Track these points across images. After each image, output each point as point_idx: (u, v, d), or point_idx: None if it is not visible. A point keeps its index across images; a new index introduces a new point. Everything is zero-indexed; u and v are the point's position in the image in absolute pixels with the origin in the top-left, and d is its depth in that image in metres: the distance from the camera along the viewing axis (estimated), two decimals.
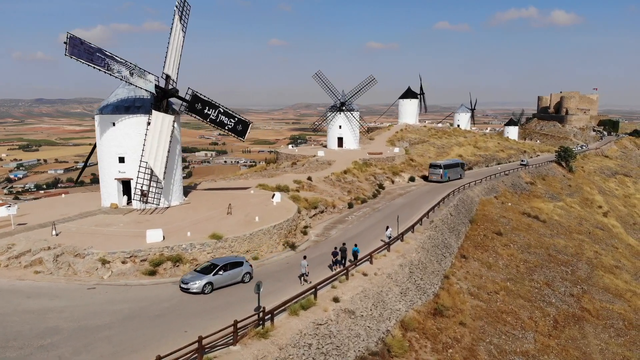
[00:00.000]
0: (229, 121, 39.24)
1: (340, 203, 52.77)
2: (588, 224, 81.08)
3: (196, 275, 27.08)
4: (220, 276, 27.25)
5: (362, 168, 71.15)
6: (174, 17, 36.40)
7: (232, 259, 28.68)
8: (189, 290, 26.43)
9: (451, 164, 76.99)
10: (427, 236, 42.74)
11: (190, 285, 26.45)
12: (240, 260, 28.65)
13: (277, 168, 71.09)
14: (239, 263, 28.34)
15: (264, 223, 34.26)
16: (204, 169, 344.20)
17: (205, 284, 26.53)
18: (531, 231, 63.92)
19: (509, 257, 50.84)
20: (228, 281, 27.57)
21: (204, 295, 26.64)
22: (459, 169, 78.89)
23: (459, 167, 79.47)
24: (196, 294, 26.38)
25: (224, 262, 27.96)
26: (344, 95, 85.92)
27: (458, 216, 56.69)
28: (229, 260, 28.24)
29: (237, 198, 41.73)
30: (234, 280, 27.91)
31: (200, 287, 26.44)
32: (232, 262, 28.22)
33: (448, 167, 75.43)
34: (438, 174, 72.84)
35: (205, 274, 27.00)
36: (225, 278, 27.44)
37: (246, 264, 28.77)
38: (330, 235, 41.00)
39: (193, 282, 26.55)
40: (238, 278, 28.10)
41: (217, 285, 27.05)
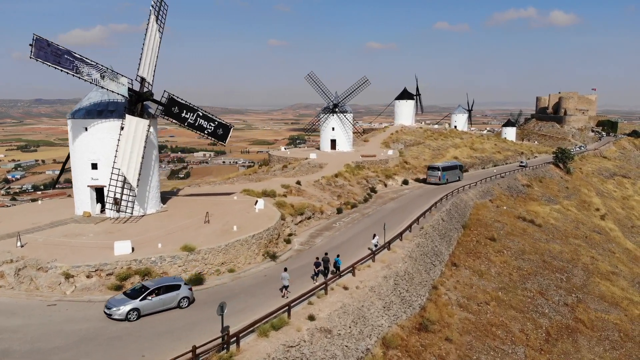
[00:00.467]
0: (209, 125, 37.59)
1: (328, 208, 51.11)
2: (585, 228, 79.39)
3: (122, 300, 24.27)
4: (149, 302, 24.25)
5: (354, 171, 69.50)
6: (149, 17, 34.75)
7: (167, 281, 25.77)
8: (111, 316, 23.59)
9: (449, 166, 76.39)
10: (416, 244, 41.08)
11: (113, 312, 23.61)
12: (177, 283, 25.66)
13: (268, 171, 69.45)
14: (174, 286, 25.31)
15: (242, 232, 32.60)
16: (202, 170, 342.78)
17: (130, 310, 23.61)
18: (526, 236, 62.27)
19: (501, 265, 49.18)
20: (159, 307, 24.57)
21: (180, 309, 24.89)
22: (457, 171, 78.25)
23: (457, 170, 78.80)
24: (120, 320, 23.50)
25: (156, 284, 25.08)
26: (337, 96, 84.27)
27: (450, 221, 55.07)
28: (163, 283, 25.29)
29: (219, 205, 40.09)
30: (167, 306, 24.86)
31: (124, 313, 23.52)
32: (167, 285, 25.20)
33: (446, 169, 74.88)
34: (436, 176, 72.45)
35: (132, 298, 24.11)
36: (156, 304, 24.45)
37: (184, 287, 25.75)
38: (315, 244, 39.34)
39: (117, 307, 23.71)
40: (172, 303, 25.03)
41: (145, 311, 24.07)
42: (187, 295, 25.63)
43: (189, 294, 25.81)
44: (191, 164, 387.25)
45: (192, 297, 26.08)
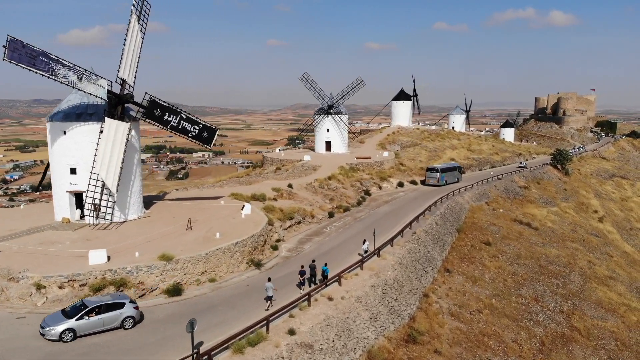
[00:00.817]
0: (193, 128, 36.39)
1: (320, 212, 49.91)
2: (582, 231, 78.21)
3: (57, 318, 22.51)
4: (87, 321, 22.38)
5: (348, 174, 68.32)
6: (130, 17, 33.54)
7: (110, 298, 23.78)
8: (45, 336, 21.88)
9: (448, 168, 76.20)
10: (407, 250, 39.89)
11: (47, 331, 21.87)
12: (121, 301, 23.59)
13: (261, 174, 68.25)
14: (117, 305, 23.28)
15: (225, 240, 31.40)
16: (200, 170, 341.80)
17: (64, 331, 21.81)
18: (522, 240, 61.07)
19: (496, 270, 47.98)
20: (99, 327, 22.72)
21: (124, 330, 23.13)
22: (456, 172, 77.97)
23: (456, 171, 78.47)
24: (53, 341, 21.74)
25: (96, 302, 23.19)
26: (332, 97, 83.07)
27: (444, 225, 53.89)
28: (104, 301, 23.32)
29: (204, 210, 38.88)
30: (108, 326, 22.93)
31: (57, 334, 21.74)
32: (108, 303, 23.20)
33: (445, 170, 74.61)
34: (435, 177, 72.30)
35: (69, 317, 22.34)
36: (95, 324, 22.58)
37: (129, 305, 23.59)
38: (303, 250, 38.12)
39: (50, 326, 21.91)
40: (115, 323, 23.05)
41: (82, 332, 22.23)
42: (131, 315, 23.55)
43: (135, 313, 23.75)
44: (190, 164, 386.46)
45: (140, 316, 24.15)
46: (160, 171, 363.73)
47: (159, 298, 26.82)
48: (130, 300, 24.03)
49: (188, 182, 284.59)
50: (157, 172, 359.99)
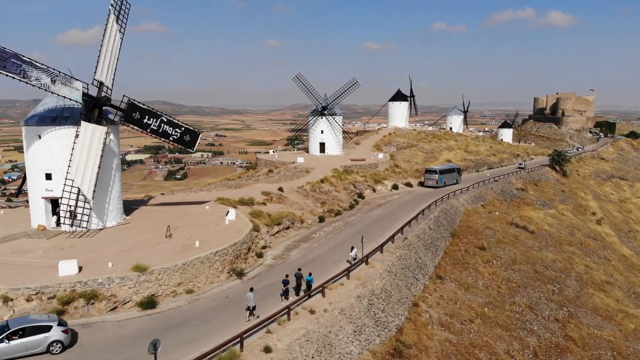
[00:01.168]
0: (174, 131, 35.11)
1: (310, 217, 48.62)
2: (580, 234, 76.93)
3: None
4: (7, 345, 20.46)
5: (341, 176, 67.04)
6: (108, 16, 32.26)
7: (35, 320, 21.65)
8: None
9: (447, 169, 75.73)
10: (398, 257, 38.60)
11: None
12: (47, 323, 21.47)
13: (253, 176, 66.98)
14: (43, 328, 21.21)
15: (205, 248, 30.11)
16: (199, 170, 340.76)
17: None
18: (518, 244, 59.80)
19: (490, 276, 46.70)
20: (21, 352, 20.76)
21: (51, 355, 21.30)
22: (455, 174, 77.40)
23: (455, 172, 77.85)
24: None
25: (19, 324, 21.21)
26: (326, 99, 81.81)
27: (438, 230, 52.60)
28: (28, 323, 21.30)
29: (187, 216, 37.60)
30: (32, 350, 20.93)
31: None
32: (33, 326, 21.18)
33: (444, 172, 74.05)
34: (434, 179, 72.05)
35: None
36: (15, 348, 20.61)
37: (57, 328, 21.42)
38: (290, 258, 36.83)
39: None
40: (40, 348, 21.05)
41: (1, 357, 20.48)
42: (59, 339, 21.35)
43: (63, 337, 21.52)
44: (189, 164, 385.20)
45: (69, 340, 21.95)
46: (158, 172, 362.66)
47: (131, 311, 25.55)
48: (59, 322, 22.05)
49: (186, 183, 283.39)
50: (155, 172, 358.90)
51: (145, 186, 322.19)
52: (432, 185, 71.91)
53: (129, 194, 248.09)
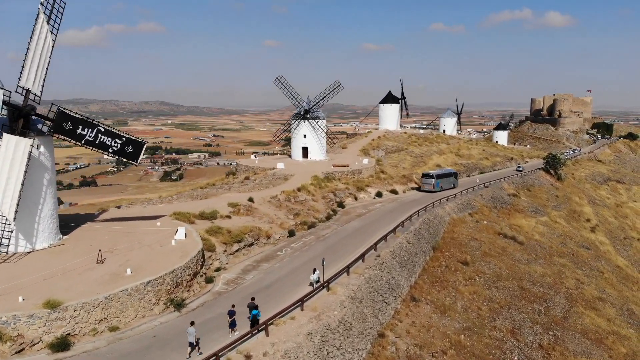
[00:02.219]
0: (114, 142, 31.49)
1: (278, 231, 45.01)
2: (572, 243, 73.32)
3: None
4: None
5: (321, 183, 63.44)
6: (37, 16, 28.69)
7: None
8: None
9: (444, 174, 75.08)
10: (366, 278, 35.00)
11: None
12: None
13: (227, 184, 63.36)
14: None
15: (137, 277, 26.49)
16: (195, 171, 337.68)
17: None
18: (505, 257, 56.22)
19: (471, 296, 43.11)
20: None
21: None
22: (451, 178, 76.51)
23: (452, 177, 76.94)
24: None
25: None
26: (309, 101, 78.22)
27: (418, 243, 48.99)
28: None
29: (131, 236, 33.97)
30: None
31: None
32: None
33: (440, 176, 73.45)
34: (430, 184, 71.73)
35: None
36: None
37: None
38: (244, 282, 33.19)
39: None
40: None
41: None
42: None
43: None
44: (185, 165, 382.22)
45: None
46: (154, 172, 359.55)
47: (40, 354, 21.99)
48: None
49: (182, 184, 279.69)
50: (151, 173, 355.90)
51: (141, 187, 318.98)
52: (429, 190, 71.21)
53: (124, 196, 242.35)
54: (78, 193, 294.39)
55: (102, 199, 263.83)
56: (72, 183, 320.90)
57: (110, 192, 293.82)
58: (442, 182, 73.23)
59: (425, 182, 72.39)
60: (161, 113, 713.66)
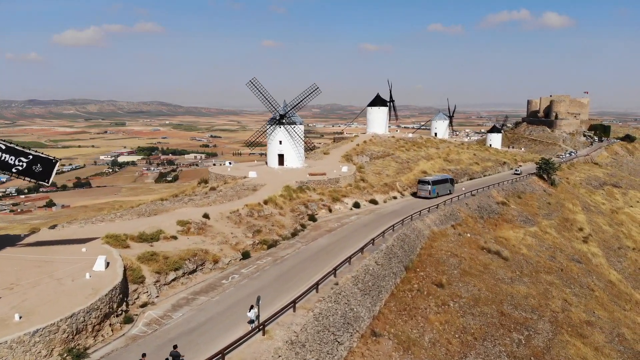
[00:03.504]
0: (18, 161, 27.08)
1: (230, 253, 40.40)
2: (562, 256, 68.63)
3: None
4: None
5: (292, 194, 58.86)
6: None
7: None
8: None
9: (440, 180, 74.86)
10: (315, 315, 30.40)
11: None
12: None
13: (188, 195, 58.75)
14: None
15: (26, 324, 21.98)
16: (192, 172, 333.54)
17: None
18: (486, 275, 51.63)
19: (441, 326, 38.48)
20: None
21: None
22: (447, 184, 76.22)
23: (448, 183, 76.63)
24: None
25: None
26: (285, 106, 73.63)
27: (388, 264, 44.37)
28: None
29: (45, 266, 29.40)
30: None
31: None
32: None
33: (436, 183, 73.34)
34: (426, 190, 71.89)
35: None
36: None
37: None
38: (169, 322, 28.48)
39: None
40: None
41: None
42: None
43: None
44: (181, 166, 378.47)
45: None
46: (149, 173, 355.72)
47: None
48: None
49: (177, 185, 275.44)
50: (146, 174, 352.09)
51: (135, 189, 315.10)
52: (425, 196, 71.46)
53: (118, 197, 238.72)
54: (72, 195, 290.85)
55: (95, 200, 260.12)
56: (66, 185, 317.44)
57: (104, 194, 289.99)
58: (438, 189, 72.99)
59: (421, 188, 72.45)
60: (159, 113, 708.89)
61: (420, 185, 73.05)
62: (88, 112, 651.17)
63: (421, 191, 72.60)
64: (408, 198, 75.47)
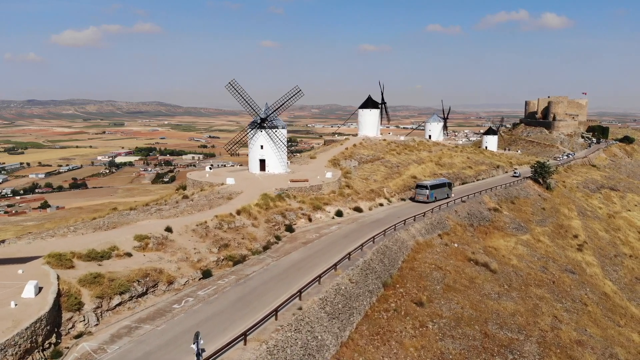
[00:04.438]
0: None
1: (189, 272, 37.13)
2: (555, 267, 65.33)
3: None
4: None
5: (269, 203, 55.59)
6: None
7: None
8: None
9: (438, 184, 74.48)
10: (269, 348, 27.11)
11: None
12: None
13: (158, 204, 55.54)
14: None
15: None
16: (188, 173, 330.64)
17: None
18: (472, 290, 48.40)
19: (417, 352, 35.20)
20: None
21: None
22: (445, 188, 75.94)
23: (446, 187, 76.36)
24: None
25: None
26: (267, 108, 70.38)
27: (364, 281, 41.11)
28: None
29: None
30: None
31: None
32: None
33: (434, 187, 73.01)
34: (424, 194, 71.51)
35: None
36: None
37: None
38: (104, 356, 25.30)
39: None
40: None
41: None
42: None
43: None
44: (178, 167, 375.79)
45: None
46: (146, 174, 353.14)
47: None
48: None
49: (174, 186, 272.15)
50: (143, 175, 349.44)
51: (131, 190, 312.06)
52: (423, 200, 71.17)
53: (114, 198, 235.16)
54: (67, 196, 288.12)
55: (90, 202, 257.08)
56: (62, 185, 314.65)
57: (100, 195, 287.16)
58: (436, 193, 72.77)
59: (419, 192, 72.33)
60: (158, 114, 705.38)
61: (419, 190, 72.51)
62: (87, 113, 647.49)
63: (419, 195, 72.07)
64: (396, 205, 72.34)
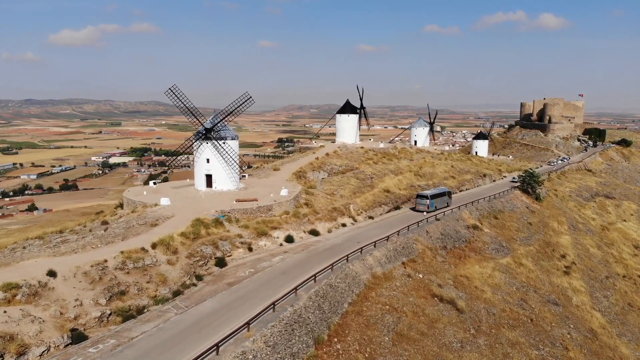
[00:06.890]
0: None
1: (53, 336, 28.83)
2: (535, 299, 56.70)
3: None
4: None
5: (200, 231, 47.21)
6: None
7: None
8: None
9: (438, 194, 73.77)
10: None
11: None
12: None
13: (72, 233, 47.21)
14: None
15: None
16: (182, 174, 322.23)
17: None
18: (429, 339, 40.03)
19: None
20: None
21: None
22: (445, 197, 75.18)
23: (446, 196, 75.45)
24: None
25: None
26: (214, 117, 62.06)
27: (287, 341, 32.63)
28: None
29: None
30: None
31: None
32: None
33: (435, 197, 72.28)
34: (425, 204, 71.08)
35: None
36: None
37: None
38: None
39: None
40: None
41: None
42: None
43: None
44: (172, 168, 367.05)
45: None
46: (139, 175, 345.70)
47: None
48: None
49: None
50: (136, 176, 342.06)
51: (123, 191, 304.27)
52: (424, 210, 70.94)
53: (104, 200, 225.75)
54: (57, 198, 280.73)
55: (80, 204, 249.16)
56: (53, 187, 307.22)
57: (91, 197, 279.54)
58: (436, 202, 72.62)
59: (419, 202, 72.15)
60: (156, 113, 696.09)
61: (419, 200, 72.39)
62: (85, 112, 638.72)
63: (420, 205, 71.86)
64: (361, 224, 63.85)
